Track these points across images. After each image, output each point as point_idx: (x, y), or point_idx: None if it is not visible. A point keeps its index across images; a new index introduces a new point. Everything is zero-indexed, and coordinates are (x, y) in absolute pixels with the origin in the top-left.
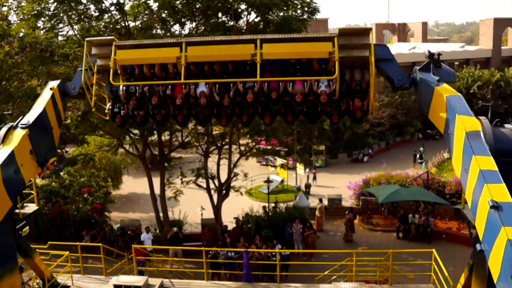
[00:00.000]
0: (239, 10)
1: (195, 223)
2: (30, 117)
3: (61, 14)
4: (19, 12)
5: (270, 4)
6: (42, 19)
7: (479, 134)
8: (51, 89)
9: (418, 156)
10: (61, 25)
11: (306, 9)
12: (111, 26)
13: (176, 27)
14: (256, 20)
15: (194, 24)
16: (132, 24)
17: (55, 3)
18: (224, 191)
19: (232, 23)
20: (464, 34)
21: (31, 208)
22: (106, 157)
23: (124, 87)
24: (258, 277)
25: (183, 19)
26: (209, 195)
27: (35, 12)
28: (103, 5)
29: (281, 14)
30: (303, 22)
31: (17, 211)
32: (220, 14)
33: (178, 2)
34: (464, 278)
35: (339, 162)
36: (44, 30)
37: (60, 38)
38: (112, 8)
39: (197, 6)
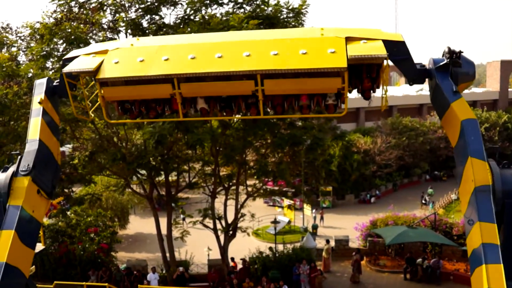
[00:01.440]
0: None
1: (201, 263)
2: (28, 157)
3: None
4: (28, 52)
5: None
6: (51, 59)
7: (489, 191)
8: (39, 103)
9: (424, 196)
10: None
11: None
12: None
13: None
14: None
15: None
16: None
17: (64, 44)
18: (231, 232)
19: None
20: None
21: (37, 247)
22: (113, 197)
23: (118, 105)
24: None
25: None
26: (216, 236)
27: (44, 52)
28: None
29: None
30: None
31: None
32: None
33: None
34: None
35: (346, 203)
36: (53, 71)
37: None
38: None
39: None
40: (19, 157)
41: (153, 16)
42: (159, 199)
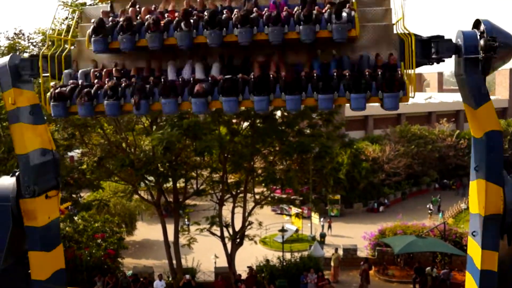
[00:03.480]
0: None
1: (208, 271)
2: (26, 176)
3: None
4: None
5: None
6: None
7: (498, 220)
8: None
9: (429, 205)
10: None
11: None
12: None
13: None
14: None
15: None
16: None
17: None
18: (238, 240)
19: None
20: None
21: None
22: (120, 203)
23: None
24: None
25: None
26: (223, 244)
27: None
28: None
29: None
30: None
31: None
32: None
33: None
34: None
35: (354, 211)
36: None
37: None
38: None
39: None
40: (17, 173)
41: None
42: (167, 205)
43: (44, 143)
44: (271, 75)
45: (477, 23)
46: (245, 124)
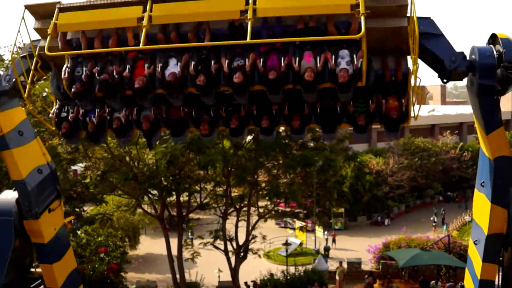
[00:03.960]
0: None
1: (212, 285)
2: (26, 201)
3: None
4: None
5: None
6: None
7: (501, 238)
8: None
9: (433, 217)
10: None
11: None
12: None
13: None
14: None
15: None
16: None
17: None
18: (242, 254)
19: None
20: None
21: None
22: (124, 217)
23: (68, 69)
24: None
25: None
26: (226, 257)
27: None
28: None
29: None
30: None
31: (32, 270)
32: None
33: None
34: None
35: (358, 224)
36: None
37: None
38: None
39: None
40: (15, 198)
41: None
42: (170, 219)
43: (39, 160)
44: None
45: (493, 37)
46: (249, 137)
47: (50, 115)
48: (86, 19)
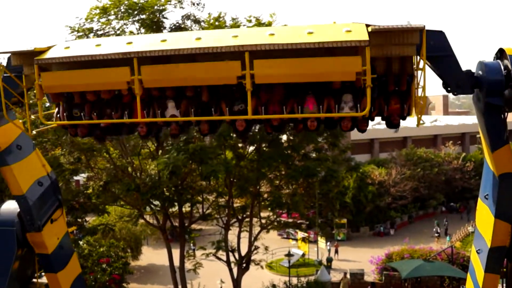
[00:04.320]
0: None
1: None
2: (28, 215)
3: None
4: None
5: None
6: None
7: (504, 251)
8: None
9: (435, 228)
10: None
11: None
12: None
13: None
14: None
15: None
16: None
17: None
18: (244, 264)
19: None
20: None
21: None
22: (126, 228)
23: (65, 112)
24: None
25: None
26: (229, 268)
27: None
28: None
29: None
30: None
31: (34, 280)
32: None
33: None
34: None
35: (361, 235)
36: None
37: None
38: None
39: None
40: (18, 210)
41: None
42: (172, 230)
43: (39, 172)
44: None
45: (501, 52)
46: (251, 148)
47: (55, 116)
48: (72, 81)
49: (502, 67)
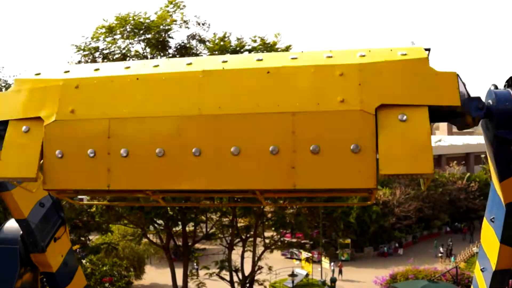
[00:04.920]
0: None
1: None
2: (31, 238)
3: None
4: None
5: None
6: None
7: (508, 274)
8: None
9: (439, 248)
10: None
11: None
12: None
13: None
14: None
15: None
16: None
17: None
18: (248, 284)
19: None
20: None
21: None
22: (129, 247)
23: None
24: None
25: None
26: None
27: None
28: None
29: None
30: None
31: None
32: None
33: None
34: None
35: (365, 255)
36: None
37: None
38: None
39: None
40: (20, 233)
41: None
42: (176, 249)
43: (40, 193)
44: None
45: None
46: None
47: None
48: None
49: None
